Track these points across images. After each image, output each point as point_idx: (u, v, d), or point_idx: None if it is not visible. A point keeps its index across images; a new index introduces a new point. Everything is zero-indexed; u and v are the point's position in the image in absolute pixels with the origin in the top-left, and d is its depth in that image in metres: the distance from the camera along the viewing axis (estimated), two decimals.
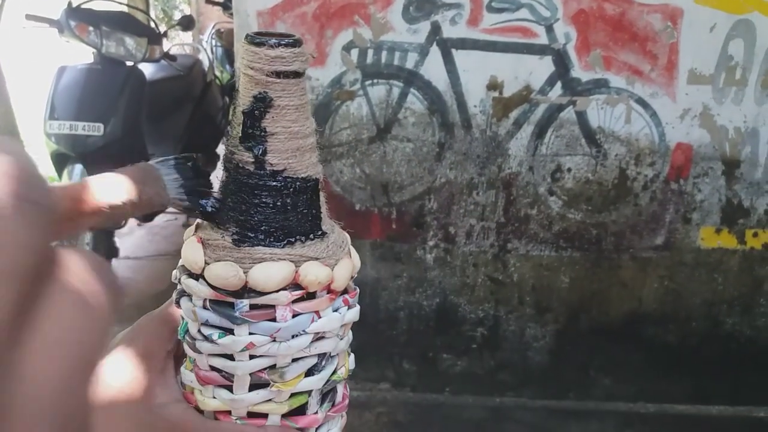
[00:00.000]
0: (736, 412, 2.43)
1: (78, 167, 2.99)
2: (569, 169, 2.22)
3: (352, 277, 0.43)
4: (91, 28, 2.96)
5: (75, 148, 2.96)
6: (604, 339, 2.39)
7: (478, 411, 2.41)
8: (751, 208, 2.26)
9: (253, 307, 0.39)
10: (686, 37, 2.09)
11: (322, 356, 0.42)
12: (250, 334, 0.39)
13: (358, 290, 0.45)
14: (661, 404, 2.44)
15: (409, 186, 2.23)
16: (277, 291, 0.39)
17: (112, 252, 3.15)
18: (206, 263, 0.40)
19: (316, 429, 0.44)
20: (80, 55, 3.29)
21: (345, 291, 0.43)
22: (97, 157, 2.97)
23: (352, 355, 0.47)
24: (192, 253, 0.40)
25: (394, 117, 2.16)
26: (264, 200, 0.40)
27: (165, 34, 3.42)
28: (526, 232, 2.27)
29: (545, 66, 2.11)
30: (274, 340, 0.40)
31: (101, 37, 2.95)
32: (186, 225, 3.84)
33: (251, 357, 0.40)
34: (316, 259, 0.40)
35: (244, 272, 0.39)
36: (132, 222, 3.46)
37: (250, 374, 0.40)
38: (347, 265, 0.42)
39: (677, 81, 2.13)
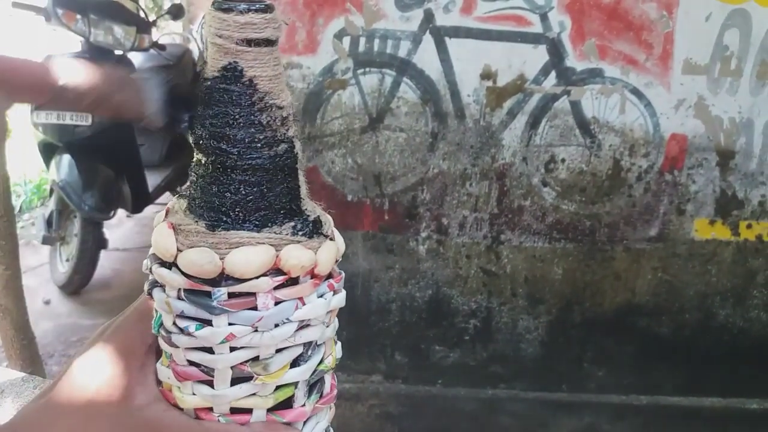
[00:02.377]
0: (728, 404, 2.43)
1: (66, 157, 2.96)
2: (563, 160, 2.20)
3: (336, 261, 0.41)
4: (78, 17, 2.91)
5: (62, 137, 2.92)
6: (597, 331, 2.38)
7: (470, 403, 2.39)
8: (745, 200, 2.25)
9: (231, 295, 0.37)
10: (681, 26, 2.07)
11: (307, 345, 0.39)
12: (230, 324, 0.37)
13: (343, 274, 0.42)
14: (654, 396, 2.44)
15: (401, 177, 2.21)
16: (257, 277, 0.36)
17: (100, 243, 3.11)
18: (179, 250, 0.37)
19: (304, 422, 0.41)
20: (68, 43, 3.24)
21: (329, 276, 0.41)
22: (84, 147, 2.94)
23: (339, 343, 0.44)
24: (163, 239, 0.37)
25: (386, 106, 2.13)
26: (238, 178, 0.37)
27: (154, 23, 3.38)
28: (519, 223, 2.25)
29: (539, 55, 2.09)
30: (256, 330, 0.37)
31: (89, 25, 2.90)
32: None
33: (232, 349, 0.37)
34: (298, 242, 0.38)
35: (221, 258, 0.36)
36: (121, 213, 3.42)
37: (231, 368, 0.38)
38: (331, 248, 0.39)
39: (672, 71, 2.12)
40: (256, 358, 0.38)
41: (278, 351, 0.38)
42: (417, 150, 2.18)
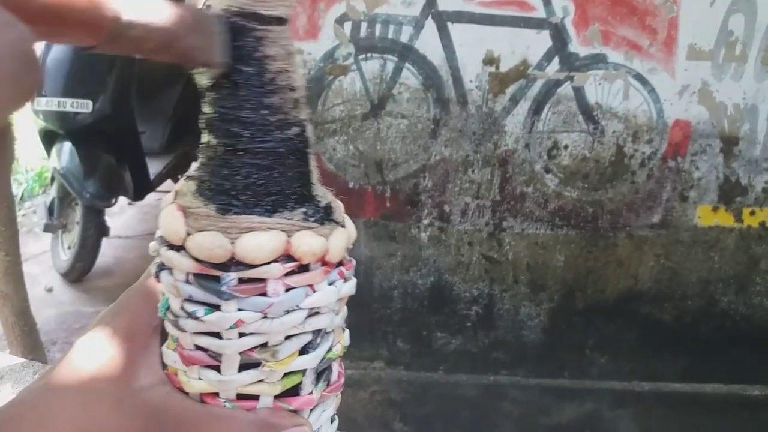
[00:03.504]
0: (730, 390, 2.44)
1: (67, 145, 2.95)
2: (566, 146, 2.19)
3: (347, 249, 0.40)
4: None
5: (63, 125, 2.91)
6: (599, 317, 2.37)
7: (472, 389, 2.40)
8: (748, 186, 2.24)
9: (241, 281, 0.36)
10: (686, 11, 2.05)
11: (317, 333, 0.39)
12: (239, 310, 0.36)
13: (354, 262, 0.42)
14: (656, 382, 2.44)
15: (403, 163, 2.20)
16: (268, 263, 0.36)
17: (102, 231, 3.11)
18: (188, 234, 0.36)
19: (311, 410, 0.41)
20: None
21: (340, 263, 0.40)
22: (85, 135, 2.93)
23: (347, 331, 0.44)
24: (172, 222, 0.37)
25: (388, 92, 2.12)
26: (249, 161, 0.36)
27: None
28: (521, 210, 2.24)
29: (542, 40, 2.07)
30: (266, 317, 0.36)
31: None
32: None
33: (240, 335, 0.37)
34: (309, 228, 0.37)
35: (231, 243, 0.35)
36: (123, 201, 3.42)
37: (239, 353, 0.37)
38: (342, 235, 0.39)
39: (676, 56, 2.10)
40: (264, 345, 0.37)
41: (287, 338, 0.38)
42: (419, 137, 2.17)
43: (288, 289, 0.37)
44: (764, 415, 2.44)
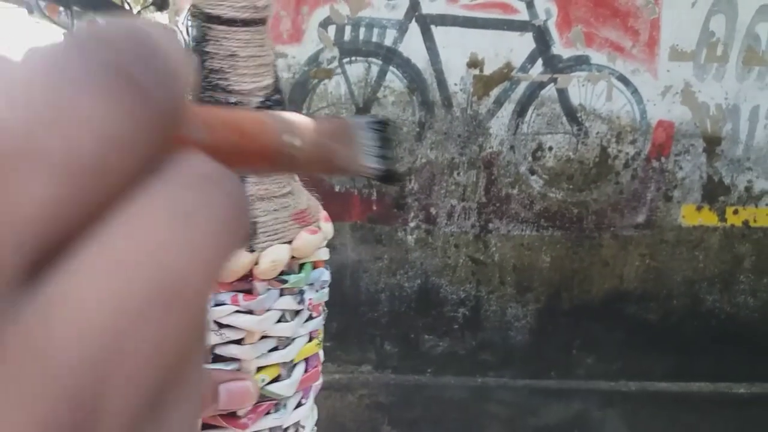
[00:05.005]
0: (716, 389, 2.45)
1: None
2: (550, 148, 2.20)
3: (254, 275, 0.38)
4: (61, 9, 2.87)
5: None
6: (585, 318, 2.38)
7: (460, 391, 2.40)
8: (731, 186, 2.26)
9: None
10: (668, 12, 2.07)
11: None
12: None
13: (258, 297, 0.40)
14: (643, 382, 2.45)
15: None
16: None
17: None
18: None
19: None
20: (51, 36, 3.20)
21: (247, 291, 0.38)
22: None
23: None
24: None
25: (373, 96, 2.12)
26: None
27: (139, 15, 3.35)
28: (507, 211, 2.25)
29: (526, 43, 2.08)
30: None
31: (72, 17, 2.86)
32: None
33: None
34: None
35: None
36: None
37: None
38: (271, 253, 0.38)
39: (659, 57, 2.12)
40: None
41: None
42: (404, 140, 2.17)
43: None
44: (750, 413, 2.46)
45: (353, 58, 2.08)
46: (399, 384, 2.40)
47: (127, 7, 3.19)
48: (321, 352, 0.45)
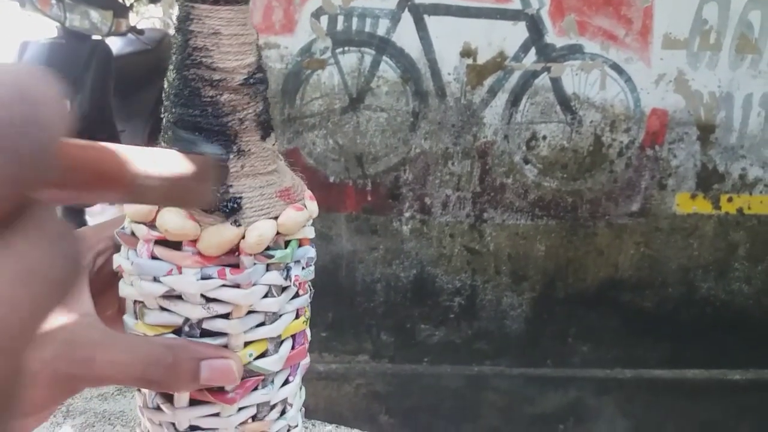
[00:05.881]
0: (711, 375, 2.47)
1: None
2: (544, 137, 2.20)
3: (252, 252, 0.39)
4: (53, 1, 2.86)
5: None
6: (580, 306, 2.39)
7: (456, 380, 2.41)
8: (725, 173, 2.27)
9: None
10: (660, 0, 2.07)
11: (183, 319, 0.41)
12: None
13: (250, 280, 0.40)
14: (638, 369, 2.46)
15: (383, 157, 2.20)
16: (140, 223, 0.38)
17: None
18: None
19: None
20: (43, 29, 3.19)
21: (235, 264, 0.39)
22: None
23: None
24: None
25: (366, 86, 2.12)
26: (169, 129, 0.38)
27: (131, 7, 3.33)
28: (501, 201, 2.25)
29: (519, 32, 2.08)
30: (134, 274, 0.39)
31: (64, 10, 2.85)
32: None
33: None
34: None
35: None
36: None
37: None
38: (218, 233, 0.38)
39: (652, 46, 2.12)
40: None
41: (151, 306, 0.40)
42: (398, 130, 2.17)
43: (153, 257, 0.38)
44: (745, 399, 2.47)
45: (346, 48, 2.08)
46: (396, 373, 2.41)
47: (120, 0, 3.18)
48: (308, 331, 0.46)
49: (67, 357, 0.37)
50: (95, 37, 2.99)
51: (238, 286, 0.38)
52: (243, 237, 0.37)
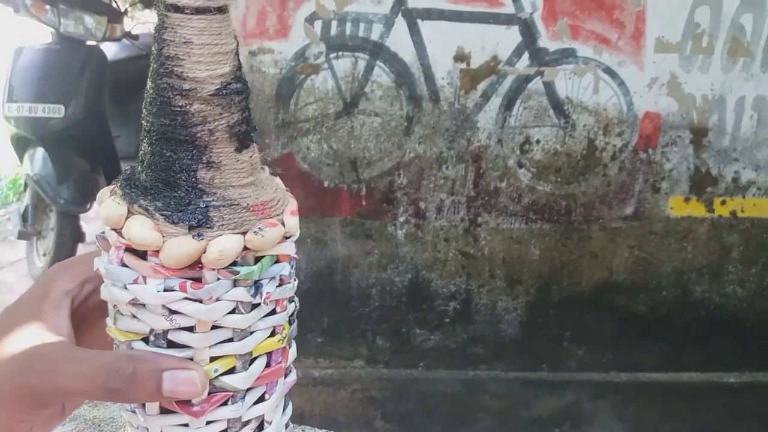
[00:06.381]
0: (706, 378, 2.47)
1: (40, 150, 2.92)
2: (538, 141, 2.20)
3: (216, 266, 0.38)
4: (48, 7, 2.87)
5: (35, 130, 2.89)
6: (575, 310, 2.39)
7: (452, 384, 2.41)
8: (719, 176, 2.27)
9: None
10: (653, 4, 2.08)
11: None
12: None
13: (210, 294, 0.39)
14: (634, 372, 2.46)
15: (378, 162, 2.20)
16: (112, 230, 0.40)
17: (77, 236, 3.09)
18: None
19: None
20: (38, 34, 3.19)
21: (197, 278, 0.38)
22: (59, 140, 2.90)
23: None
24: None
25: (360, 91, 2.12)
26: (146, 136, 0.39)
27: (125, 12, 3.34)
28: (496, 205, 2.26)
29: (512, 36, 2.09)
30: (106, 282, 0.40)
31: (59, 15, 2.86)
32: None
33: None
34: (156, 221, 0.38)
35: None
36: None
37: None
38: (179, 245, 0.37)
39: (644, 49, 2.12)
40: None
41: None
42: (393, 134, 2.18)
43: (122, 264, 0.38)
44: (740, 401, 2.48)
45: (340, 53, 2.08)
46: (391, 378, 2.41)
47: (114, 4, 3.18)
48: (292, 350, 0.45)
49: (29, 369, 0.37)
50: (90, 42, 2.99)
51: (200, 300, 0.37)
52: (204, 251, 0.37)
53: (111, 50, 3.22)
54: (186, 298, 0.37)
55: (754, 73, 2.16)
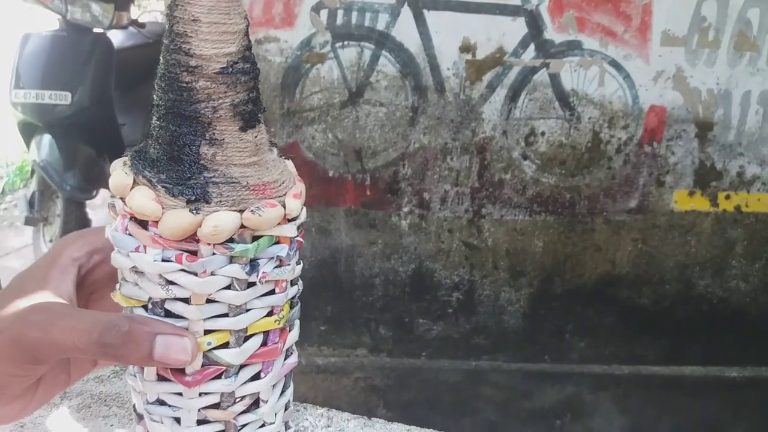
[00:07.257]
0: (708, 372, 2.47)
1: (46, 137, 2.93)
2: (543, 133, 2.20)
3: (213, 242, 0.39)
4: None
5: (42, 117, 2.90)
6: (578, 302, 2.40)
7: (454, 374, 2.42)
8: (723, 171, 2.27)
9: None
10: None
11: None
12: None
13: (207, 271, 0.40)
14: (635, 366, 2.47)
15: (382, 152, 2.21)
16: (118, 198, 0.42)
17: (83, 223, 3.10)
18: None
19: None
20: (45, 21, 3.20)
21: (193, 251, 0.39)
22: (65, 127, 2.91)
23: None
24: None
25: (366, 80, 2.12)
26: (158, 123, 0.40)
27: (133, 0, 3.34)
28: (500, 196, 2.26)
29: (518, 27, 2.09)
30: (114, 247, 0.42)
31: (66, 2, 2.86)
32: None
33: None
34: (157, 192, 0.39)
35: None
36: (105, 193, 3.40)
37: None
38: (177, 217, 0.38)
39: (651, 42, 2.12)
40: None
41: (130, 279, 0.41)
42: (397, 124, 2.18)
43: (126, 232, 0.40)
44: (742, 396, 2.48)
45: (346, 43, 2.08)
46: (394, 367, 2.42)
47: None
48: (293, 333, 0.45)
49: (26, 320, 0.39)
50: (97, 30, 3.00)
51: (195, 273, 0.38)
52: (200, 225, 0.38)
53: (117, 38, 3.23)
54: (182, 270, 0.38)
55: (761, 68, 2.15)
